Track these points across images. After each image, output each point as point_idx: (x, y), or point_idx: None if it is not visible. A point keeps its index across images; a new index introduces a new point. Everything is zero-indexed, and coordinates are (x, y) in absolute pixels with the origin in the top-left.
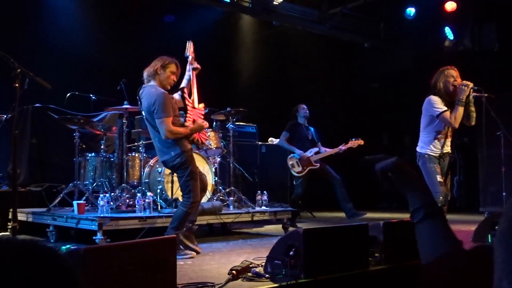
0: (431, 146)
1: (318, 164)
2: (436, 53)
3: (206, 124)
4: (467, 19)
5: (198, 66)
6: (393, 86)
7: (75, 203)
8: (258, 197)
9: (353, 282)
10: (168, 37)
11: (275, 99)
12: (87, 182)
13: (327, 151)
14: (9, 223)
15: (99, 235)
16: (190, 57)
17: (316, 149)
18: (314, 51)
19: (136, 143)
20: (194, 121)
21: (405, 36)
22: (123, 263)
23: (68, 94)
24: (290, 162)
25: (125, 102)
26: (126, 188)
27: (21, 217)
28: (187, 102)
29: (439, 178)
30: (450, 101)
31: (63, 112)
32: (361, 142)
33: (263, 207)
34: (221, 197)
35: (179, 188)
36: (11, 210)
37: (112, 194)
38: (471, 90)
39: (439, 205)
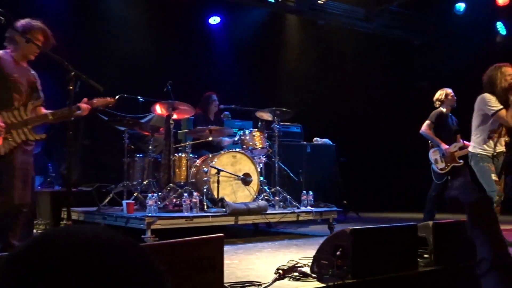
0: (485, 146)
1: (462, 161)
2: (488, 50)
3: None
4: None
5: None
6: (443, 84)
7: (124, 202)
8: (304, 197)
9: (401, 284)
10: (214, 39)
11: (321, 99)
12: (136, 182)
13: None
14: (61, 222)
15: (147, 234)
16: None
17: (460, 144)
18: (361, 50)
19: (182, 144)
20: None
21: (456, 32)
22: (172, 261)
23: (117, 96)
24: (434, 157)
25: (171, 102)
26: (173, 188)
27: (73, 216)
28: None
29: (494, 176)
30: (506, 99)
31: (112, 114)
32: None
33: (309, 207)
34: (266, 197)
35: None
36: (64, 209)
37: (160, 194)
38: None
39: (494, 205)
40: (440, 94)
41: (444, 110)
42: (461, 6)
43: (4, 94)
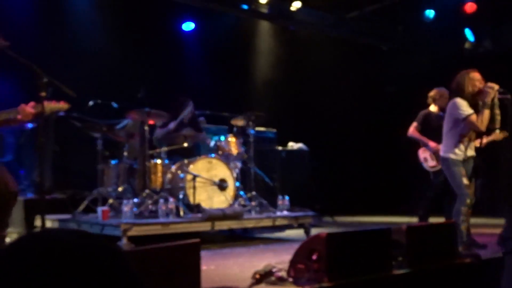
0: (456, 150)
1: None
2: (456, 56)
3: None
4: (487, 20)
5: None
6: (411, 89)
7: (99, 209)
8: (280, 202)
9: (376, 286)
10: (187, 44)
11: (294, 104)
12: (110, 189)
13: None
14: (34, 230)
15: (123, 241)
16: None
17: None
18: (332, 55)
19: (157, 150)
20: None
21: (424, 38)
22: (148, 267)
23: (90, 102)
24: (423, 156)
25: (146, 108)
26: (149, 194)
27: (47, 223)
28: None
29: (465, 180)
30: (474, 104)
31: (85, 120)
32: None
33: (285, 212)
34: (242, 203)
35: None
36: (37, 216)
37: (135, 200)
38: (496, 92)
39: (466, 207)
40: (436, 92)
41: (433, 109)
42: (430, 12)
43: None
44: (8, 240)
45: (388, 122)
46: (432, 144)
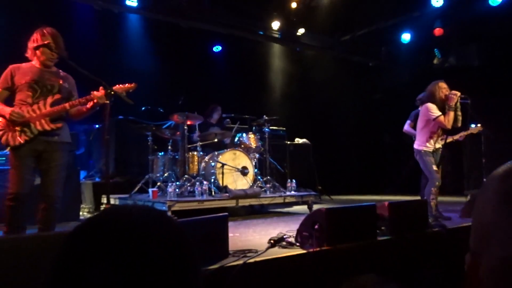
0: (427, 144)
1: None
2: (427, 69)
3: (24, 119)
4: (452, 41)
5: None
6: (393, 96)
7: (150, 190)
8: (288, 185)
9: (364, 250)
10: (216, 62)
11: (300, 108)
12: (158, 174)
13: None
14: (101, 206)
15: (169, 214)
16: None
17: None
18: (330, 70)
19: (194, 144)
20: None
21: (403, 56)
22: (188, 235)
23: (143, 108)
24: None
25: (185, 112)
26: (188, 178)
27: (110, 201)
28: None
29: (434, 167)
30: (443, 107)
31: (139, 121)
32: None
33: (293, 192)
34: (259, 185)
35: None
36: (103, 196)
37: (177, 183)
38: (459, 98)
39: (435, 188)
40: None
41: None
42: (406, 36)
43: (21, 92)
44: (82, 213)
45: (375, 123)
46: None
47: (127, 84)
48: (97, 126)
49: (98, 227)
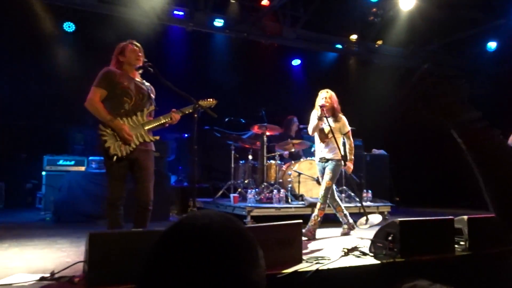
0: None
1: None
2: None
3: (127, 138)
4: None
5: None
6: (474, 107)
7: (231, 195)
8: (364, 195)
9: (441, 263)
10: (295, 76)
11: (377, 119)
12: (239, 181)
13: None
14: (188, 209)
15: (248, 219)
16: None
17: None
18: (402, 82)
19: (272, 154)
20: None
21: (485, 66)
22: (266, 239)
23: (226, 119)
24: None
25: (265, 123)
26: (266, 186)
27: (196, 205)
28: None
29: None
30: None
31: (223, 131)
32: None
33: (368, 202)
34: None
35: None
36: (190, 199)
37: (256, 190)
38: None
39: None
40: None
41: None
42: (492, 45)
43: (115, 98)
44: (171, 214)
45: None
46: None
47: (209, 99)
48: (185, 135)
49: (182, 233)
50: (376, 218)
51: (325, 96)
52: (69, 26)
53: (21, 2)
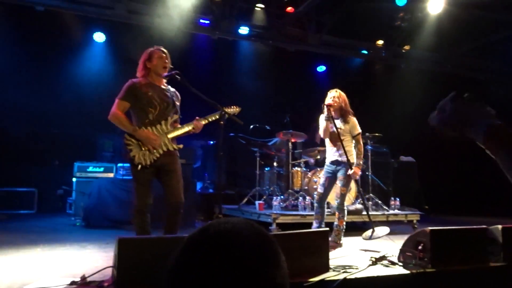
0: None
1: None
2: None
3: (153, 144)
4: None
5: None
6: (503, 112)
7: (256, 202)
8: (392, 202)
9: (473, 275)
10: (320, 82)
11: (405, 126)
12: (264, 188)
13: None
14: (214, 215)
15: (273, 226)
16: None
17: None
18: (435, 86)
19: (298, 161)
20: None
21: None
22: (291, 246)
23: (251, 126)
24: None
25: (290, 130)
26: (292, 193)
27: (222, 211)
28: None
29: None
30: None
31: (248, 139)
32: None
33: (396, 210)
34: (361, 202)
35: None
36: (215, 206)
37: (282, 197)
38: None
39: None
40: None
41: None
42: None
43: (140, 109)
44: (198, 220)
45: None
46: None
47: (233, 107)
48: (211, 142)
49: (206, 239)
50: (382, 231)
51: (333, 96)
52: (99, 37)
53: (54, 14)
